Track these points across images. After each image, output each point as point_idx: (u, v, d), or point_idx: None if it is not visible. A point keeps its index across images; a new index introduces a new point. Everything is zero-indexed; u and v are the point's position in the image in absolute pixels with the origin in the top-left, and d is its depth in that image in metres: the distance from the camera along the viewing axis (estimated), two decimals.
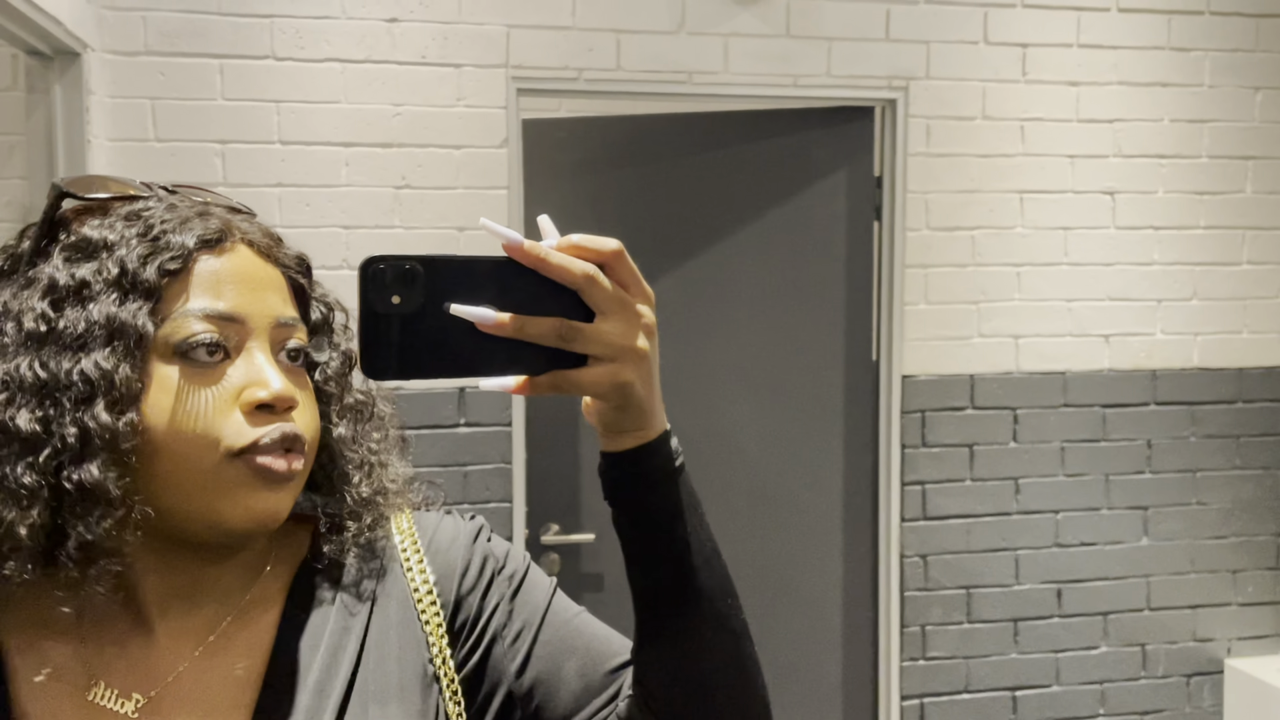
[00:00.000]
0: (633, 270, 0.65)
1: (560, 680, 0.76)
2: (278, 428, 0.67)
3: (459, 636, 0.76)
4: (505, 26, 2.46)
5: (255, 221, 0.74)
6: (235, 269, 0.69)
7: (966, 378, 2.78)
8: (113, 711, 0.66)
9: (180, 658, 0.69)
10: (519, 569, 0.79)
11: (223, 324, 0.67)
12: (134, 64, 2.33)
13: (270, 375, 0.68)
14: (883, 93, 2.67)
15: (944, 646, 2.80)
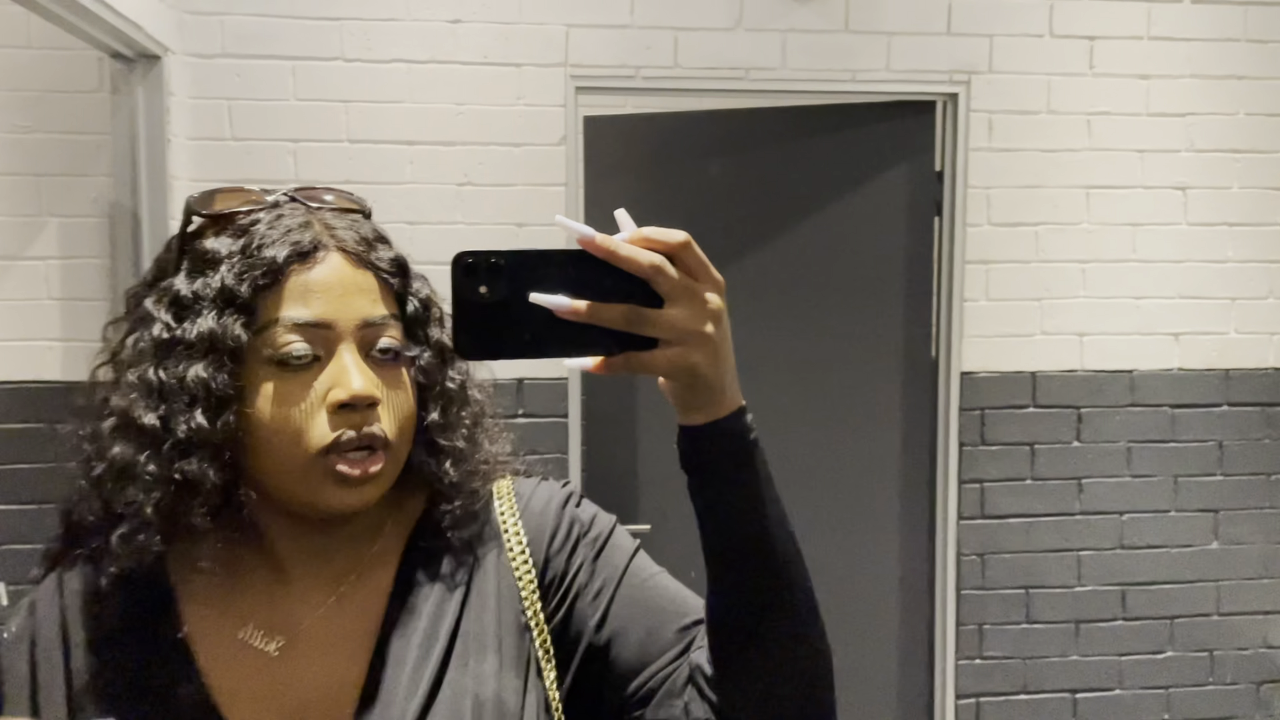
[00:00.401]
0: (701, 260, 0.69)
1: (634, 634, 0.82)
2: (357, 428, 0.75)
3: (548, 592, 0.84)
4: (564, 26, 2.51)
5: (357, 223, 0.81)
6: (324, 278, 0.77)
7: (1028, 375, 2.75)
8: (258, 650, 0.78)
9: (313, 607, 0.80)
10: (603, 532, 0.86)
11: (311, 331, 0.76)
12: (211, 66, 2.44)
13: (352, 377, 0.75)
14: (944, 87, 2.65)
15: (1002, 646, 2.77)
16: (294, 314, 0.75)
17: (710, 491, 0.74)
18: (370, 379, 0.77)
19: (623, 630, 0.82)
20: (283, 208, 0.80)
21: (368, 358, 0.78)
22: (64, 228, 2.42)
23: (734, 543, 0.75)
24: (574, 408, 2.59)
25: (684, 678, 0.80)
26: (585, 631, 0.83)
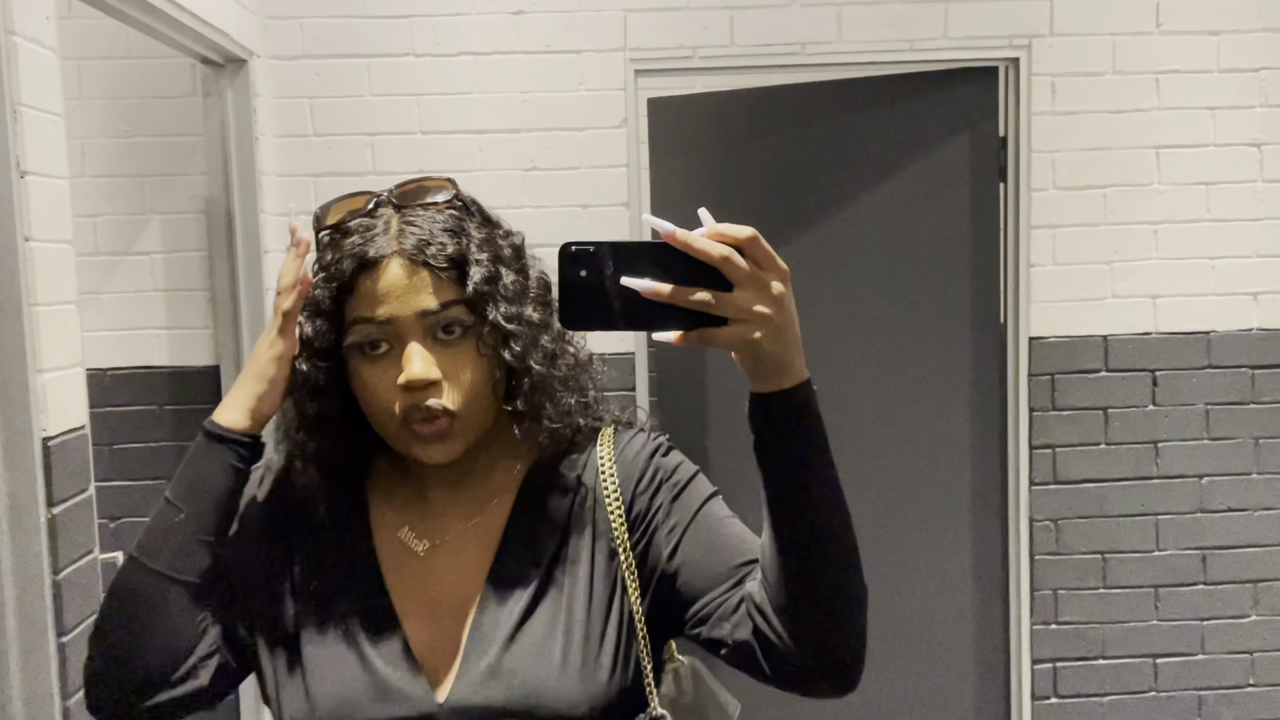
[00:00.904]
0: (767, 251, 0.82)
1: (699, 565, 0.98)
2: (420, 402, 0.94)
3: (634, 525, 1.00)
4: (622, 11, 2.59)
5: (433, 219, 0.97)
6: (386, 283, 0.94)
7: (1099, 339, 2.73)
8: (410, 548, 1.02)
9: (452, 522, 1.02)
10: (684, 478, 1.03)
11: (380, 328, 0.94)
12: (293, 67, 2.59)
13: (412, 363, 0.93)
14: (1004, 52, 2.65)
15: (1078, 611, 2.77)
16: (365, 314, 0.94)
17: (771, 452, 0.88)
18: (428, 361, 0.94)
19: (690, 561, 0.98)
20: (377, 212, 0.97)
21: (436, 340, 0.94)
22: (165, 224, 2.60)
23: (787, 497, 0.88)
24: (641, 381, 2.68)
25: (734, 604, 0.94)
26: (660, 560, 0.99)
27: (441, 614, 0.99)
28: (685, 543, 0.98)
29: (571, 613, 0.98)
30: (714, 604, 0.96)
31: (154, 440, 2.63)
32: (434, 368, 0.94)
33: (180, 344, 2.62)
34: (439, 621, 0.98)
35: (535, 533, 1.01)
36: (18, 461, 1.49)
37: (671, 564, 0.98)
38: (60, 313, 1.59)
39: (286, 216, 2.62)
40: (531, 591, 0.98)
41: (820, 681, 0.93)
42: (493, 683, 0.95)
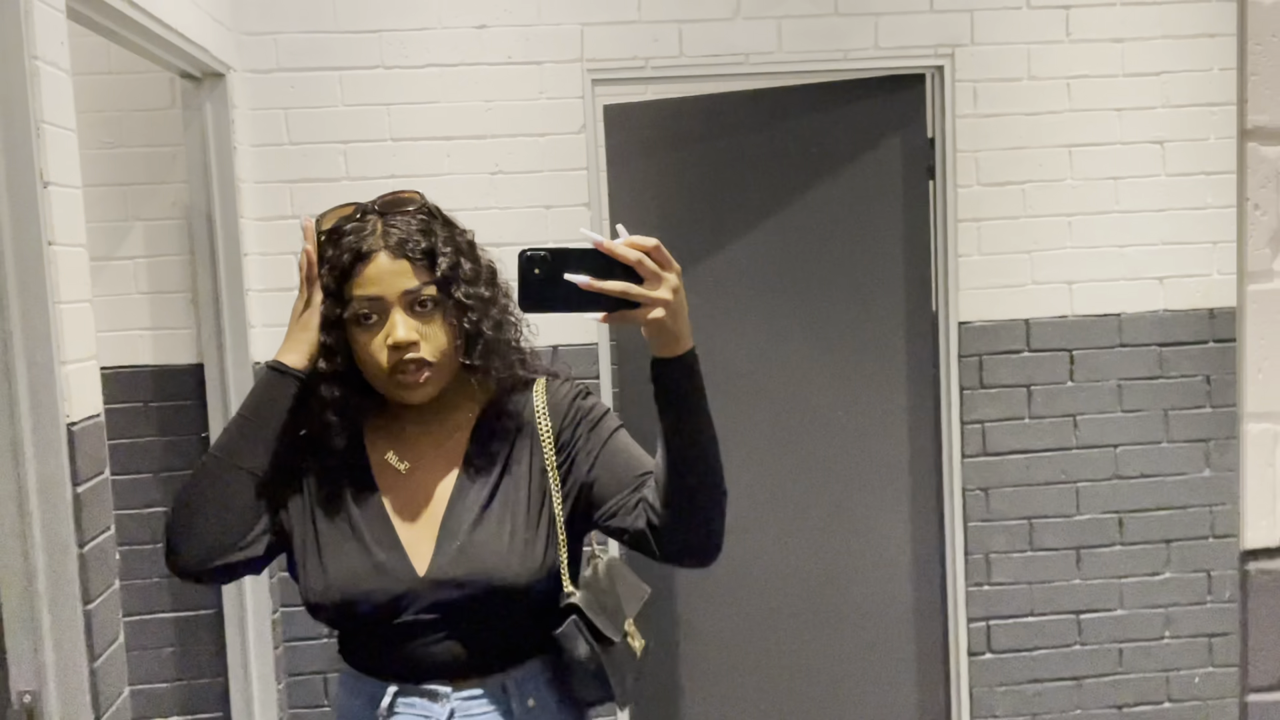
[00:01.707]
0: (666, 255, 1.16)
1: (609, 476, 1.33)
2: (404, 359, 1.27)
3: (560, 450, 1.36)
4: (579, 25, 2.78)
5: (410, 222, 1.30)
6: (375, 270, 1.27)
7: (1022, 322, 2.98)
8: (395, 467, 1.37)
9: (425, 449, 1.37)
10: (598, 415, 1.38)
11: (372, 303, 1.28)
12: (268, 80, 2.74)
13: (396, 329, 1.27)
14: (930, 60, 2.88)
15: (1008, 573, 3.01)
16: (360, 293, 1.28)
17: (665, 397, 1.23)
18: (410, 327, 1.28)
19: (602, 474, 1.34)
20: (365, 218, 1.30)
21: (414, 312, 1.28)
22: (148, 230, 2.74)
23: (675, 428, 1.24)
24: (604, 369, 2.87)
25: (634, 503, 1.31)
26: (581, 474, 1.35)
27: (419, 514, 1.34)
28: (599, 461, 1.34)
29: (514, 514, 1.33)
30: (619, 503, 1.32)
31: (139, 436, 2.76)
32: (414, 331, 1.28)
33: (164, 344, 2.76)
34: (417, 519, 1.34)
35: (487, 455, 1.36)
36: (47, 444, 1.64)
37: (589, 476, 1.34)
38: (78, 310, 1.74)
39: (264, 221, 2.77)
40: (485, 497, 1.33)
41: (691, 557, 1.31)
42: (459, 560, 1.30)
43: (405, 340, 1.27)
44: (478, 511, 1.32)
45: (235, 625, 2.76)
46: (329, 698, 2.90)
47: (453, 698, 1.32)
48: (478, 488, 1.34)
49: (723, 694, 3.14)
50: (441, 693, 1.32)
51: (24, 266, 1.61)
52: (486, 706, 1.33)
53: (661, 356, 1.20)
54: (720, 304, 3.01)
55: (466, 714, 1.33)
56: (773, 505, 3.04)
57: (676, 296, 1.16)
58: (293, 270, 2.77)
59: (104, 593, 1.76)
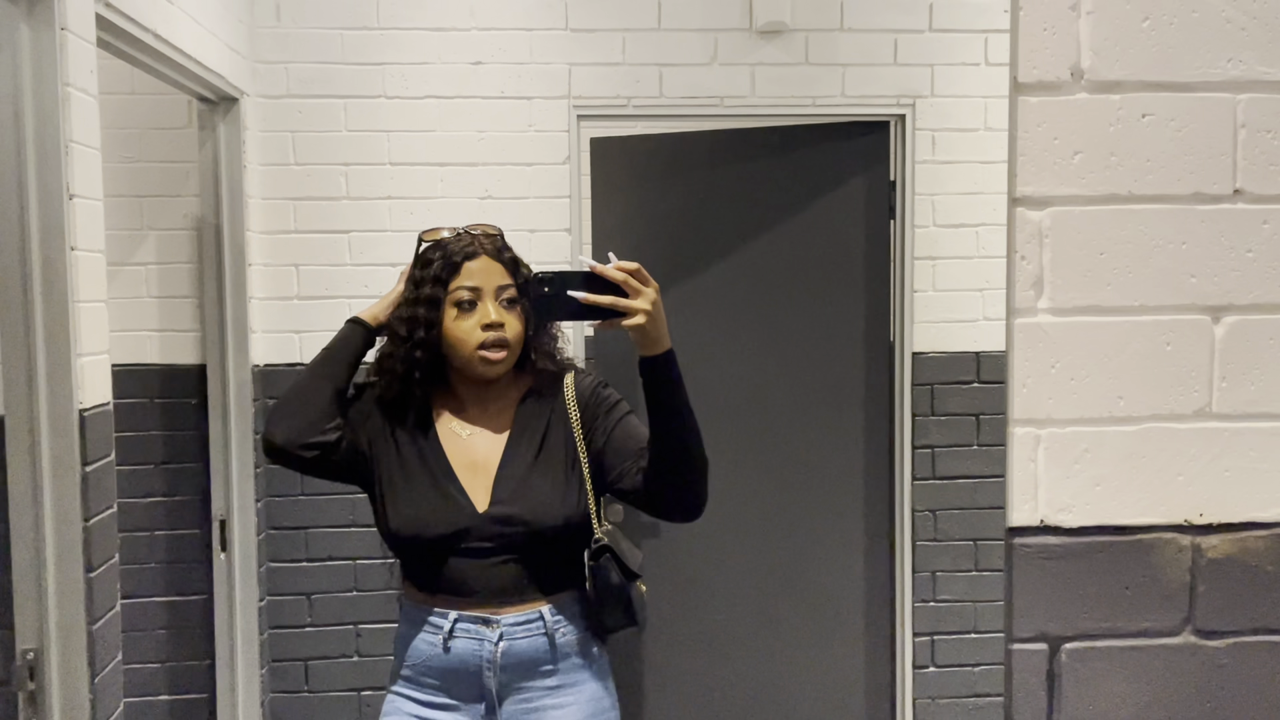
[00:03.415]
0: (646, 276, 1.52)
1: (616, 447, 1.70)
2: (492, 336, 1.66)
3: (584, 425, 1.73)
4: (567, 65, 3.01)
5: (494, 237, 1.73)
6: (478, 267, 1.68)
7: (973, 355, 3.18)
8: (457, 433, 1.74)
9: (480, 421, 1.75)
10: (613, 402, 1.75)
11: (473, 291, 1.68)
12: (278, 105, 2.97)
13: (490, 312, 1.66)
14: (893, 109, 3.10)
15: (953, 591, 3.19)
16: (463, 283, 1.68)
17: (650, 387, 1.58)
18: (500, 313, 1.68)
19: (611, 446, 1.71)
20: (460, 235, 1.71)
21: (501, 304, 1.68)
22: (160, 239, 2.96)
23: (660, 413, 1.59)
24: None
25: (635, 469, 1.67)
26: (596, 445, 1.72)
27: (478, 468, 1.72)
28: (611, 436, 1.71)
29: (554, 468, 1.72)
30: (623, 470, 1.69)
31: (145, 429, 2.97)
32: (502, 316, 1.67)
33: (170, 344, 2.97)
34: (476, 471, 1.72)
35: (530, 426, 1.74)
36: (60, 428, 1.84)
37: (603, 447, 1.71)
38: (94, 309, 1.95)
39: (269, 234, 2.99)
40: (531, 456, 1.72)
41: (677, 513, 1.67)
42: (513, 499, 1.68)
43: (497, 321, 1.66)
44: (526, 466, 1.70)
45: (224, 611, 2.95)
46: (308, 684, 3.08)
47: (502, 623, 1.67)
48: (524, 449, 1.72)
49: (681, 690, 3.32)
50: (493, 619, 1.67)
51: (49, 269, 1.82)
52: (529, 631, 1.68)
53: (646, 355, 1.55)
54: (691, 326, 3.21)
55: (512, 637, 1.67)
56: (734, 517, 3.23)
57: (655, 307, 1.50)
58: (293, 281, 2.99)
59: (104, 564, 1.96)
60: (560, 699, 1.70)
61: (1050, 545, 0.94)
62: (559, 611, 1.71)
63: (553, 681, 1.70)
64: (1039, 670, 0.94)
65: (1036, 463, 0.94)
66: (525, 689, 1.69)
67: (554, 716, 1.69)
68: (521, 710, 1.69)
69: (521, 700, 1.69)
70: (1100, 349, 0.93)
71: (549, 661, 1.70)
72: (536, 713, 1.70)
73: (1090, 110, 0.92)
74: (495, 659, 1.67)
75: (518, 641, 1.67)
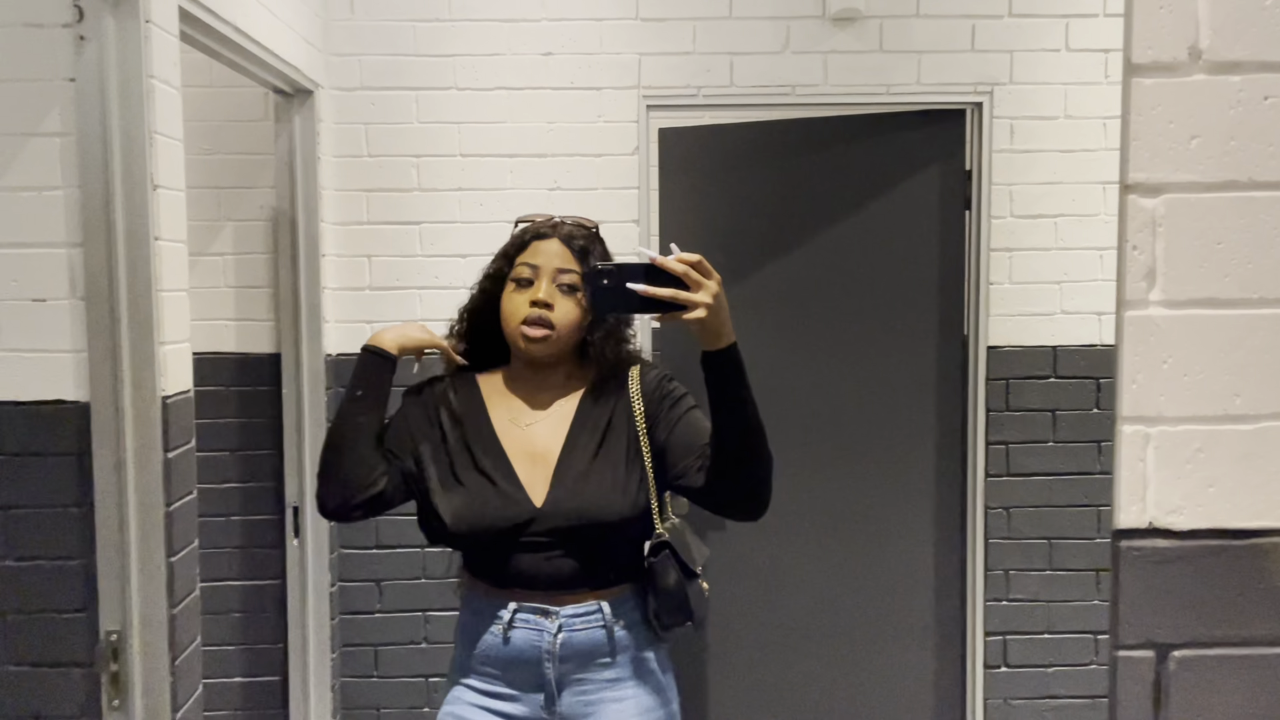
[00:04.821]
0: (708, 268, 1.46)
1: (679, 442, 1.66)
2: (535, 314, 1.65)
3: (649, 419, 1.70)
4: (637, 55, 2.99)
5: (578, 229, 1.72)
6: (543, 246, 1.68)
7: (1050, 349, 3.10)
8: (516, 424, 1.72)
9: (542, 412, 1.73)
10: (678, 395, 1.71)
11: (532, 269, 1.67)
12: (352, 97, 3.00)
13: (541, 292, 1.65)
14: (969, 96, 3.03)
15: (1026, 590, 3.12)
16: (526, 259, 1.69)
17: (713, 381, 1.54)
18: (552, 294, 1.66)
19: (674, 441, 1.67)
20: (554, 219, 1.72)
21: (557, 286, 1.66)
22: (238, 230, 3.01)
23: (723, 408, 1.55)
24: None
25: (697, 465, 1.63)
26: (661, 439, 1.69)
27: (537, 460, 1.70)
28: (675, 431, 1.68)
29: (615, 463, 1.69)
30: (686, 465, 1.65)
31: (221, 417, 3.02)
32: (552, 297, 1.66)
33: (246, 334, 3.02)
34: (535, 463, 1.70)
35: (592, 419, 1.72)
36: (144, 414, 1.88)
37: (666, 442, 1.68)
38: (176, 298, 1.99)
39: (342, 225, 3.02)
40: (592, 449, 1.69)
41: (739, 511, 1.64)
42: (572, 495, 1.66)
43: (544, 299, 1.65)
44: (587, 460, 1.68)
45: (296, 596, 3.00)
46: (378, 669, 3.12)
47: (561, 615, 1.66)
48: (585, 442, 1.69)
49: (746, 686, 3.30)
50: (552, 610, 1.66)
51: (133, 258, 1.85)
52: (588, 622, 1.67)
53: (708, 350, 1.50)
54: (758, 320, 3.18)
55: (571, 629, 1.66)
56: (803, 512, 3.20)
57: (716, 300, 1.45)
58: (365, 272, 3.02)
59: (184, 549, 2.00)
60: (619, 692, 1.69)
61: (1159, 549, 0.90)
62: (618, 605, 1.69)
63: (611, 674, 1.69)
64: (1145, 679, 0.90)
65: (1146, 462, 0.90)
66: (584, 680, 1.68)
67: (612, 709, 1.68)
68: (580, 701, 1.68)
69: (580, 691, 1.68)
70: (1216, 344, 0.89)
71: (607, 654, 1.68)
72: (595, 704, 1.68)
73: (1209, 92, 0.88)
74: (554, 650, 1.66)
75: (576, 633, 1.67)
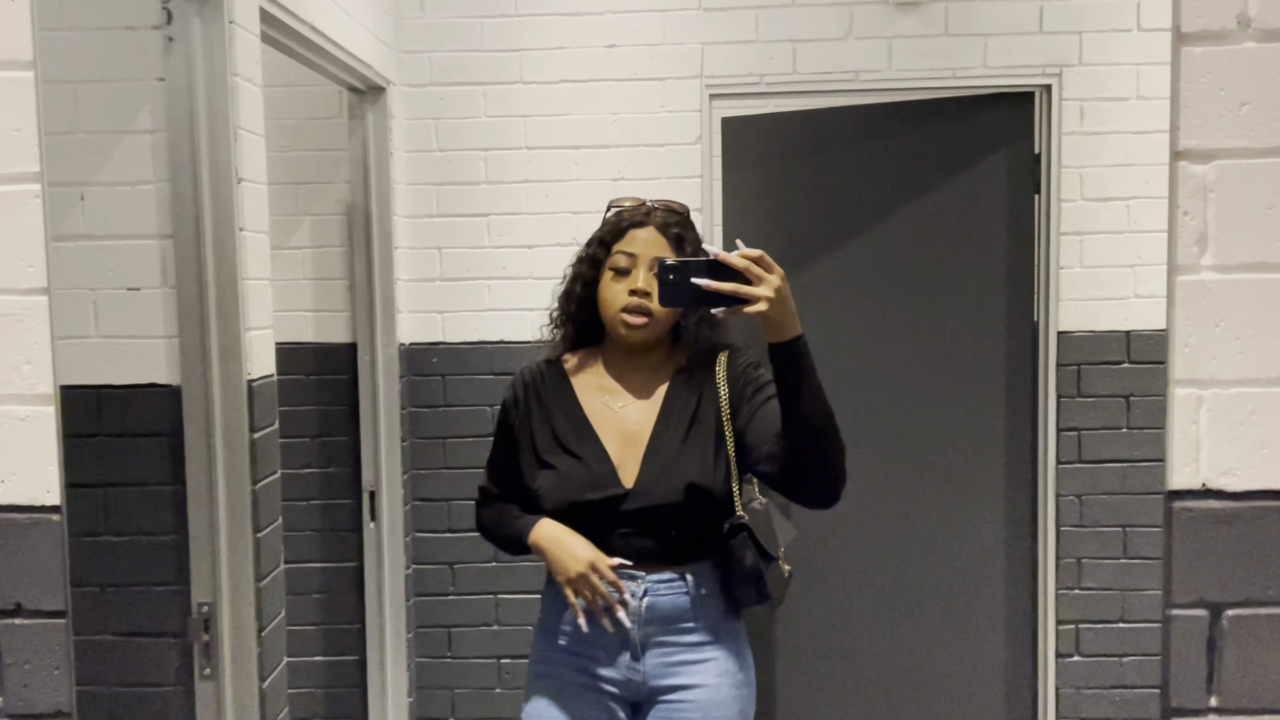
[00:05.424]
0: (770, 262, 1.52)
1: (759, 428, 1.71)
2: (636, 301, 1.72)
3: (733, 404, 1.76)
4: (700, 45, 3.02)
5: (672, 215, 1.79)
6: (641, 235, 1.75)
7: (1123, 334, 3.05)
8: (609, 406, 1.81)
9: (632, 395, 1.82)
10: (763, 382, 1.74)
11: (629, 258, 1.74)
12: (422, 93, 3.08)
13: (639, 280, 1.72)
14: (1038, 79, 3.00)
15: (1099, 579, 3.09)
16: (624, 248, 1.76)
17: (781, 373, 1.60)
18: (650, 282, 1.71)
19: (754, 426, 1.73)
20: (646, 205, 1.80)
21: (652, 273, 1.70)
22: (314, 223, 3.11)
23: (791, 398, 1.60)
24: None
25: (774, 452, 1.67)
26: (741, 424, 1.75)
27: (629, 440, 1.79)
28: (755, 417, 1.73)
29: (704, 446, 1.76)
30: (763, 452, 1.70)
31: (300, 404, 3.13)
32: (651, 285, 1.71)
33: (323, 324, 3.12)
34: (627, 443, 1.79)
35: (682, 403, 1.79)
36: (231, 397, 1.97)
37: (748, 427, 1.73)
38: (260, 286, 2.08)
39: (414, 219, 3.11)
40: (682, 432, 1.77)
41: (810, 498, 1.70)
42: (663, 475, 1.75)
43: (643, 289, 1.73)
44: (678, 442, 1.76)
45: (373, 578, 3.10)
46: (451, 650, 3.21)
47: (646, 580, 1.75)
48: (675, 424, 1.78)
49: (815, 671, 3.31)
50: (639, 575, 1.76)
51: (220, 248, 1.94)
52: (671, 589, 1.76)
53: (774, 342, 1.56)
54: (827, 307, 3.19)
55: (655, 594, 1.76)
56: (872, 502, 3.20)
57: (779, 294, 1.51)
58: (436, 263, 3.10)
59: (270, 526, 2.09)
60: (700, 654, 1.78)
61: (1212, 509, 0.91)
62: (699, 575, 1.78)
63: (693, 638, 1.77)
64: (1199, 637, 0.92)
65: (1198, 424, 0.91)
66: (667, 643, 1.77)
67: (693, 669, 1.77)
68: (663, 663, 1.77)
69: (664, 653, 1.77)
70: (1268, 307, 0.90)
71: (690, 619, 1.77)
72: (678, 666, 1.77)
73: (1258, 59, 0.89)
74: (640, 612, 1.75)
75: (661, 598, 1.75)
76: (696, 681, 1.77)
